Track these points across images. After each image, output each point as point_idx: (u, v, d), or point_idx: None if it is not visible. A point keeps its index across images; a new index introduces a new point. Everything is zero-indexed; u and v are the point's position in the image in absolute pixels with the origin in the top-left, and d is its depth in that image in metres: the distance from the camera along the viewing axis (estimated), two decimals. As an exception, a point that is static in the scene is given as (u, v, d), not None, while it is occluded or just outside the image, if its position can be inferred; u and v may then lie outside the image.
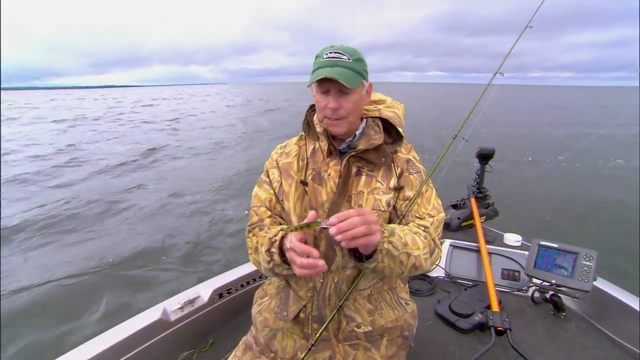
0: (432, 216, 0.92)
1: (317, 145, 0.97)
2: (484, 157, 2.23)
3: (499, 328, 1.33)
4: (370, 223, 0.71)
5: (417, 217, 0.92)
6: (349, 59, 0.83)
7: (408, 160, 0.96)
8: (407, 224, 0.91)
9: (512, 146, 11.14)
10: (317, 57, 0.87)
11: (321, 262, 0.74)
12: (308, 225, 0.75)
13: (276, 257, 0.85)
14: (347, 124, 0.89)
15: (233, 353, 1.08)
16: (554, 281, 1.57)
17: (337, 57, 0.83)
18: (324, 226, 0.73)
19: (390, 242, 0.77)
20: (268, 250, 0.86)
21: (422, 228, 0.89)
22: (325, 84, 0.84)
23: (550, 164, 9.18)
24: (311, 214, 0.77)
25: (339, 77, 0.79)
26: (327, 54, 0.84)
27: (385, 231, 0.78)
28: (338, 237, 0.70)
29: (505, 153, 9.90)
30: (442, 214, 0.95)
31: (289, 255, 0.79)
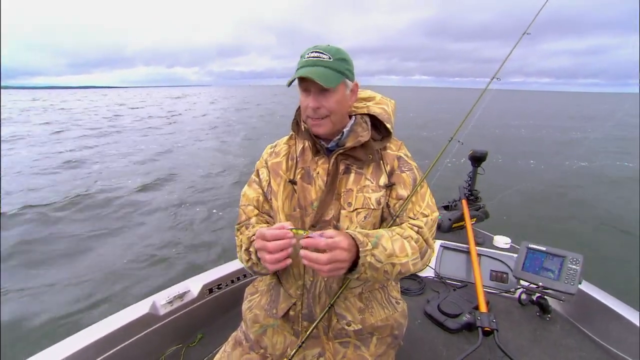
0: (425, 215, 0.92)
1: (307, 144, 0.97)
2: (477, 159, 2.25)
3: (486, 328, 1.35)
4: (336, 262, 0.72)
5: (411, 217, 0.91)
6: (330, 59, 0.83)
7: (399, 158, 0.96)
8: (401, 223, 0.91)
9: (504, 149, 11.30)
10: (301, 57, 0.87)
11: (290, 234, 0.75)
12: (297, 230, 0.76)
13: (254, 257, 0.86)
14: (330, 123, 0.88)
15: (222, 348, 1.07)
16: (540, 283, 1.60)
17: (317, 57, 0.83)
18: (304, 236, 0.75)
19: (373, 255, 0.77)
20: (247, 249, 0.87)
21: (416, 229, 0.89)
22: (305, 83, 0.84)
23: (541, 167, 9.34)
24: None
25: (316, 77, 0.79)
26: (308, 54, 0.84)
27: (369, 243, 0.78)
28: (303, 261, 0.73)
29: (497, 156, 10.04)
30: (436, 213, 0.95)
31: (257, 244, 0.78)
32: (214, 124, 17.77)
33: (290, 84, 0.85)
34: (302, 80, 0.83)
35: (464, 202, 2.25)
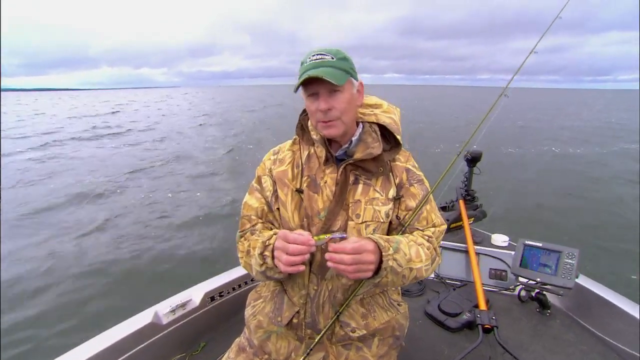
0: (435, 226, 0.95)
1: (312, 150, 0.95)
2: (472, 160, 2.27)
3: (486, 326, 1.36)
4: (362, 263, 0.74)
5: (419, 228, 0.94)
6: (332, 58, 0.82)
7: (407, 170, 0.95)
8: (411, 232, 0.93)
9: (497, 147, 11.38)
10: (301, 63, 0.86)
11: (312, 241, 0.76)
12: (318, 236, 0.78)
13: (269, 261, 0.84)
14: (342, 124, 0.87)
15: (226, 355, 1.07)
16: (539, 279, 1.62)
17: (320, 58, 0.82)
18: (325, 241, 0.77)
19: (394, 260, 0.79)
20: (261, 254, 0.85)
21: (426, 237, 0.91)
22: (313, 87, 0.83)
23: (533, 165, 9.41)
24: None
25: (326, 75, 0.78)
26: (310, 58, 0.83)
27: (391, 248, 0.80)
28: (328, 264, 0.75)
29: (493, 155, 10.11)
30: (444, 226, 0.97)
31: (277, 243, 0.80)
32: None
33: (297, 89, 0.83)
34: (308, 84, 0.82)
35: (461, 202, 2.27)
